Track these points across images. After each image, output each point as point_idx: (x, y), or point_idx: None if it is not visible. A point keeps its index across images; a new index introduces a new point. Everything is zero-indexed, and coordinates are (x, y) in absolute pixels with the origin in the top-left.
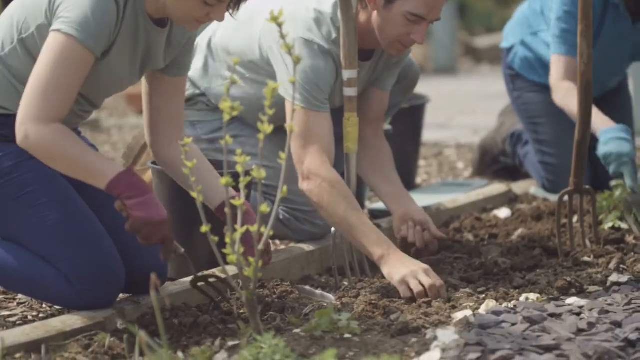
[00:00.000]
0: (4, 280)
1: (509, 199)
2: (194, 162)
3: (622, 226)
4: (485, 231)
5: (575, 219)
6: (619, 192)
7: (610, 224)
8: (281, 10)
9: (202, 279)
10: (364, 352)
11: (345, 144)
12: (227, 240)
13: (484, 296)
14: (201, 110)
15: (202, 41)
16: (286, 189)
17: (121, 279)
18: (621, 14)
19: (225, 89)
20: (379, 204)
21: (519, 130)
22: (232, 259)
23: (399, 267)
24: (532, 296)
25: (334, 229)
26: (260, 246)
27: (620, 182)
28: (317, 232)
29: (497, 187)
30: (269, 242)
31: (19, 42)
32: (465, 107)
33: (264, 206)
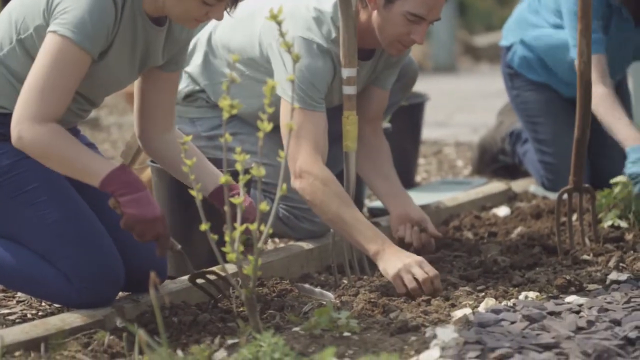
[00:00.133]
0: (3, 278)
1: (509, 197)
2: (194, 160)
3: (622, 224)
4: (484, 229)
5: (574, 217)
6: (618, 189)
7: (609, 222)
8: (280, 8)
9: (201, 275)
10: (363, 351)
11: (344, 143)
12: (226, 238)
13: (484, 294)
14: (201, 107)
15: (202, 37)
16: (285, 186)
17: (120, 277)
18: (624, 18)
19: (224, 86)
20: (378, 202)
21: (518, 128)
22: (232, 257)
23: (393, 262)
24: (532, 294)
25: None
26: (259, 244)
27: (620, 180)
28: (317, 230)
29: (496, 186)
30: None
31: (18, 42)
32: (464, 105)
33: (264, 204)
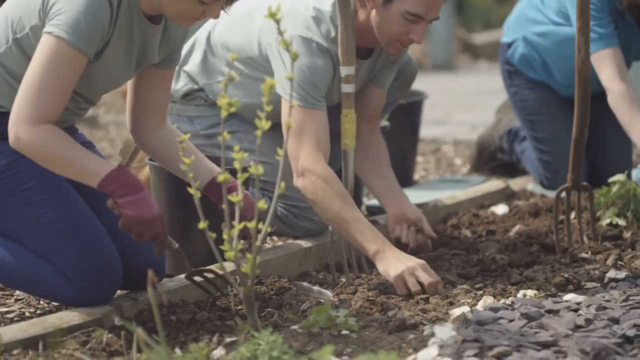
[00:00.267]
0: (2, 277)
1: (507, 196)
2: (192, 158)
3: (620, 222)
4: (482, 227)
5: (572, 215)
6: (616, 188)
7: (607, 220)
8: (279, 6)
9: (198, 273)
10: (362, 349)
11: (342, 141)
12: (224, 236)
13: (482, 292)
14: (199, 105)
15: (201, 36)
16: (284, 185)
17: (119, 276)
18: (627, 22)
19: (222, 85)
20: (376, 201)
21: (516, 126)
22: (230, 255)
23: (395, 264)
24: (530, 292)
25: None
26: (257, 243)
27: (618, 178)
28: (315, 229)
29: (494, 184)
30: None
31: (14, 41)
32: (463, 103)
33: (262, 202)
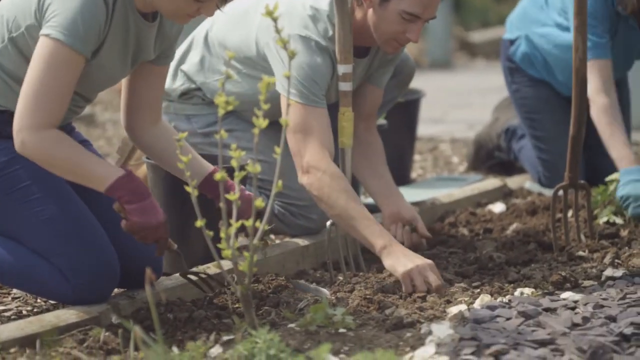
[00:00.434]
0: None
1: (504, 194)
2: (189, 156)
3: (617, 221)
4: (480, 226)
5: (570, 213)
6: (613, 187)
7: (605, 219)
8: (276, 4)
9: (192, 273)
10: (359, 347)
11: (340, 139)
12: (221, 235)
13: (479, 291)
14: (197, 104)
15: (198, 35)
16: (281, 183)
17: (116, 274)
18: (630, 26)
19: (219, 83)
20: (372, 200)
21: (514, 125)
22: (227, 253)
23: (403, 261)
24: (527, 291)
25: (329, 223)
26: (255, 241)
27: (616, 177)
28: (312, 227)
29: (491, 182)
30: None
31: (10, 40)
32: (460, 101)
33: (259, 201)
